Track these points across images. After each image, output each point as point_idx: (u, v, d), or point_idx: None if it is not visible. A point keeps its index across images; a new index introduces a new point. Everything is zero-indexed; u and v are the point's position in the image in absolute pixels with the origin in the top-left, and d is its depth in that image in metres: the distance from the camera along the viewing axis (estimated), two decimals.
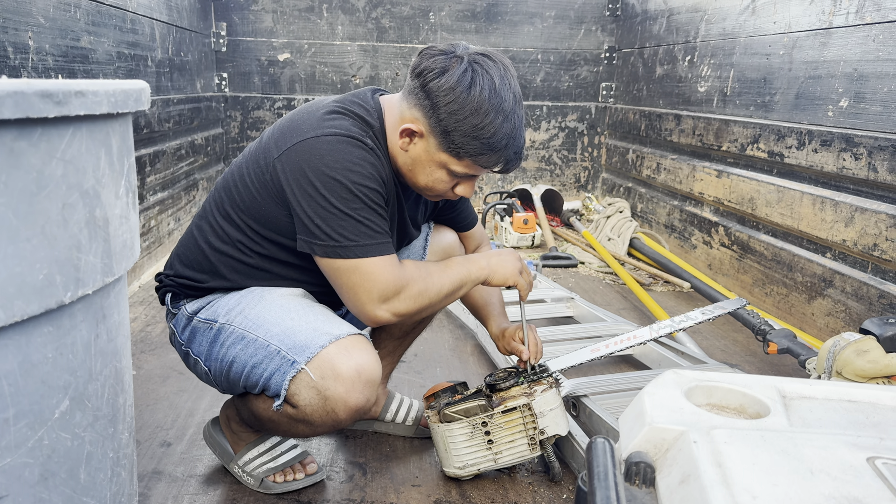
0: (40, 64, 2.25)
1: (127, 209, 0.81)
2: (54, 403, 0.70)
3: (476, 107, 1.32)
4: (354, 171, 1.34)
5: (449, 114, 1.33)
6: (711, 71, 3.57)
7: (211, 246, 1.49)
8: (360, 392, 1.33)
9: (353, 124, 1.41)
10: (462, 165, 1.41)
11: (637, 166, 4.49)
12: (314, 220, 1.34)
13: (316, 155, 1.34)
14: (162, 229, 3.48)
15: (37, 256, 0.65)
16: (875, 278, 2.38)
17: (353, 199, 1.33)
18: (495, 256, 1.54)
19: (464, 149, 1.37)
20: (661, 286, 3.44)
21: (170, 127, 3.58)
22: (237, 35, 4.77)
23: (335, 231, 1.33)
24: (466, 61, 1.34)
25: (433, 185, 1.46)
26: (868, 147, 2.40)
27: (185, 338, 1.52)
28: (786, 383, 0.89)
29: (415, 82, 1.38)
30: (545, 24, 5.04)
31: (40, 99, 0.63)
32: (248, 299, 1.46)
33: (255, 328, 1.40)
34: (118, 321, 0.82)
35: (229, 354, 1.41)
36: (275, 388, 1.35)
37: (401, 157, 1.45)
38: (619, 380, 2.00)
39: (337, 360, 1.32)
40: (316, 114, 1.42)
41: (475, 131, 1.34)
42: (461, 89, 1.32)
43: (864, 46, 2.46)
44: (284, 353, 1.34)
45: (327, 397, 1.32)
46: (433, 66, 1.34)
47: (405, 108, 1.41)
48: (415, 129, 1.39)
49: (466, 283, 1.49)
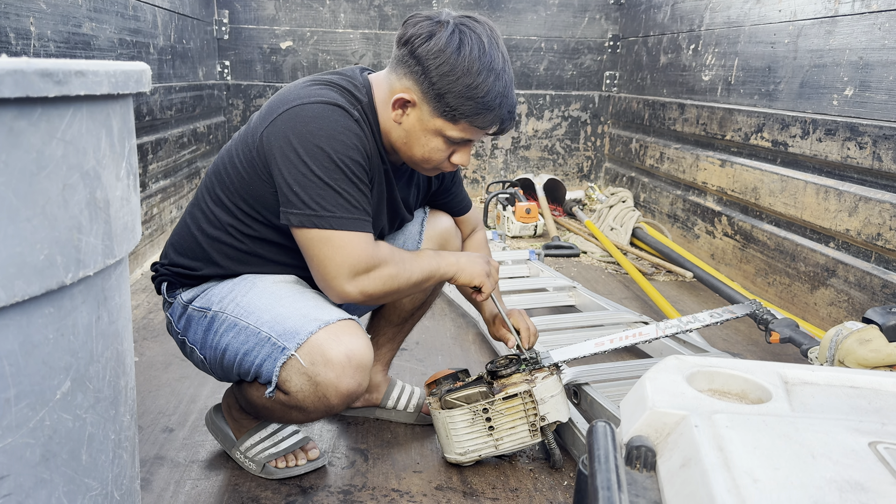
0: (42, 50, 2.25)
1: (128, 191, 0.80)
2: (55, 384, 0.70)
3: (467, 67, 1.32)
4: (338, 139, 1.33)
5: (441, 76, 1.33)
6: (716, 60, 3.55)
7: (203, 233, 1.49)
8: (350, 377, 1.33)
9: (341, 95, 1.40)
10: (458, 130, 1.40)
11: (640, 156, 4.48)
12: (293, 188, 1.33)
13: (301, 121, 1.33)
14: (164, 217, 3.48)
15: (37, 237, 0.65)
16: (878, 268, 2.37)
17: (334, 170, 1.32)
18: (465, 257, 1.55)
19: (459, 110, 1.36)
20: (663, 276, 3.43)
21: (172, 115, 3.57)
22: (239, 23, 4.75)
23: (312, 199, 1.32)
24: (452, 24, 1.35)
25: (429, 154, 1.44)
26: (873, 136, 2.39)
27: (182, 326, 1.52)
28: (788, 369, 0.89)
29: (402, 51, 1.38)
30: (549, 13, 5.01)
31: (40, 78, 0.62)
32: (241, 287, 1.46)
33: (246, 315, 1.40)
34: (119, 303, 0.82)
35: (222, 342, 1.41)
36: (266, 374, 1.35)
37: (395, 131, 1.44)
38: (620, 368, 2.00)
39: (326, 345, 1.32)
40: (302, 85, 1.43)
41: (469, 91, 1.34)
42: (451, 51, 1.32)
43: (869, 34, 2.44)
44: (275, 340, 1.34)
45: (318, 383, 1.32)
46: (419, 31, 1.35)
47: (394, 79, 1.41)
48: (407, 98, 1.38)
49: (434, 277, 1.49)
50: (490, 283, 1.57)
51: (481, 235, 1.89)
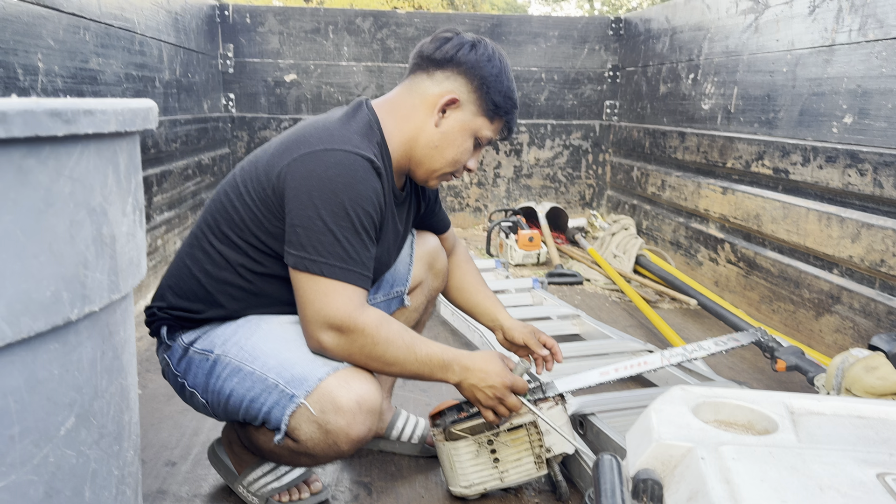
0: (49, 85, 2.28)
1: (134, 226, 0.81)
2: (60, 420, 0.70)
3: (507, 73, 1.51)
4: (356, 188, 1.33)
5: (493, 76, 1.48)
6: (715, 88, 3.58)
7: (207, 274, 1.45)
8: (361, 423, 1.31)
9: (361, 137, 1.41)
10: (492, 129, 1.53)
11: (642, 183, 4.50)
12: (297, 228, 1.32)
13: (322, 166, 1.33)
14: (168, 249, 3.49)
15: (44, 273, 0.65)
16: (883, 294, 2.37)
17: (343, 217, 1.32)
18: (480, 372, 1.43)
19: (502, 108, 1.50)
20: (667, 303, 3.43)
21: (177, 147, 3.61)
22: (244, 56, 4.82)
23: (310, 243, 1.31)
24: (478, 38, 1.52)
25: (460, 156, 1.52)
26: (873, 163, 2.40)
27: (182, 369, 1.47)
28: (794, 399, 0.89)
29: (441, 58, 1.48)
30: (549, 44, 5.07)
31: (49, 117, 0.63)
32: (245, 329, 1.43)
33: (251, 360, 1.37)
34: (124, 338, 0.82)
35: (226, 387, 1.38)
36: (275, 422, 1.33)
37: (424, 138, 1.49)
38: (626, 398, 1.99)
39: (337, 392, 1.30)
40: (322, 127, 1.42)
41: (509, 91, 1.51)
42: (496, 58, 1.50)
43: (867, 63, 2.47)
44: (283, 387, 1.32)
45: (329, 431, 1.30)
46: (461, 42, 1.49)
47: (430, 85, 1.49)
48: (457, 97, 1.48)
49: (424, 376, 1.42)
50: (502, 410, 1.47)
51: (463, 249, 1.92)
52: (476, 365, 1.44)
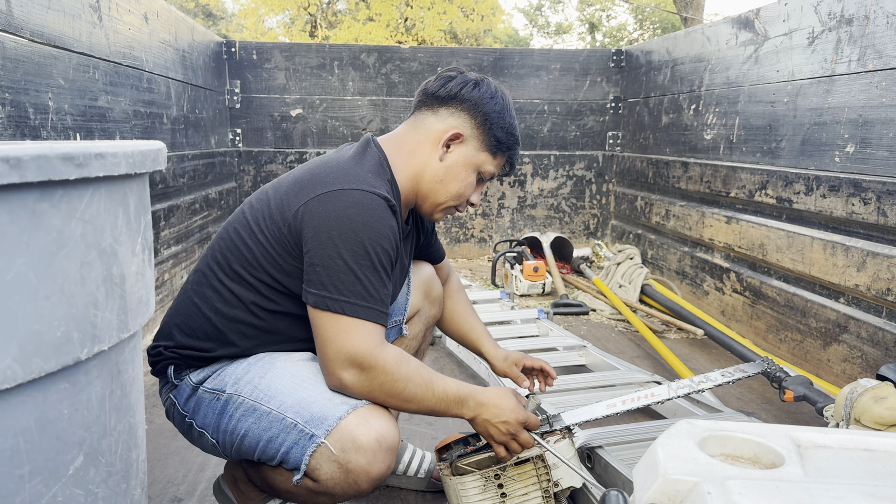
0: (59, 123, 2.32)
1: (143, 266, 0.82)
2: (69, 459, 0.70)
3: (507, 108, 1.56)
4: (374, 227, 1.34)
5: (496, 113, 1.53)
6: (717, 119, 3.61)
7: (218, 313, 1.44)
8: (381, 461, 1.30)
9: (375, 178, 1.42)
10: (494, 164, 1.57)
11: (646, 213, 4.51)
12: (317, 267, 1.33)
13: (341, 205, 1.34)
14: (175, 283, 3.51)
15: (55, 314, 0.66)
16: (890, 323, 2.36)
17: (363, 255, 1.33)
18: (494, 408, 1.45)
19: (504, 144, 1.55)
20: (674, 333, 3.41)
21: (184, 182, 3.65)
22: (251, 92, 4.89)
23: (331, 282, 1.32)
24: (481, 77, 1.57)
25: (464, 189, 1.56)
26: (876, 192, 2.41)
27: (190, 409, 1.45)
28: (800, 432, 0.88)
29: (445, 96, 1.52)
30: (551, 77, 5.13)
31: (62, 162, 0.65)
32: (257, 367, 1.42)
33: (266, 400, 1.36)
34: (132, 376, 0.83)
35: (240, 427, 1.37)
36: (294, 462, 1.31)
37: (429, 172, 1.52)
38: (633, 430, 1.97)
39: (357, 430, 1.29)
40: (336, 166, 1.43)
41: (511, 128, 1.56)
42: (499, 96, 1.55)
43: (867, 93, 2.49)
44: (301, 427, 1.31)
45: (349, 470, 1.29)
46: (465, 80, 1.53)
47: (434, 121, 1.53)
48: (461, 133, 1.52)
49: (440, 413, 1.43)
50: (514, 446, 1.48)
51: (455, 279, 1.96)
52: (490, 400, 1.45)
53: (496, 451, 1.49)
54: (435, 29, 20.54)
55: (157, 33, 3.34)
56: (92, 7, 2.59)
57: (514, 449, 1.48)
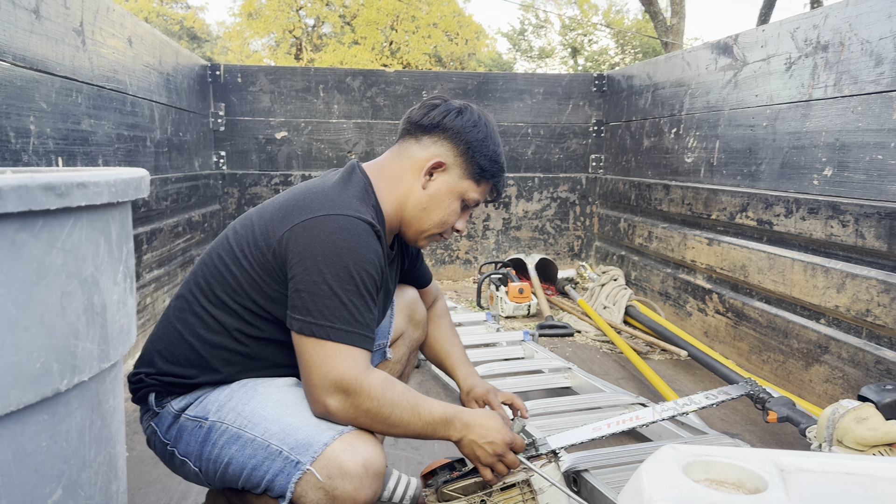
0: (41, 147, 2.30)
1: (124, 294, 0.82)
2: (47, 493, 0.69)
3: (493, 137, 1.56)
4: (359, 252, 1.34)
5: (478, 141, 1.53)
6: (697, 142, 3.66)
7: (201, 339, 1.43)
8: (368, 487, 1.29)
9: (360, 204, 1.42)
10: (478, 191, 1.57)
11: (629, 235, 4.54)
12: (301, 293, 1.32)
13: (325, 231, 1.33)
14: (157, 307, 3.48)
15: (34, 345, 0.65)
16: (870, 344, 2.38)
17: (348, 280, 1.32)
18: (481, 428, 1.45)
19: (488, 171, 1.55)
20: (658, 354, 3.43)
21: (167, 205, 3.63)
22: (235, 115, 4.89)
23: (316, 308, 1.31)
24: (464, 104, 1.57)
25: (448, 217, 1.56)
26: (854, 214, 2.44)
27: (172, 437, 1.43)
28: (783, 456, 0.89)
29: (428, 124, 1.53)
30: (534, 100, 5.19)
31: (43, 192, 0.64)
32: (240, 394, 1.40)
33: (251, 427, 1.34)
34: (113, 406, 0.82)
35: (224, 455, 1.35)
36: (279, 489, 1.29)
37: (413, 199, 1.52)
38: (619, 453, 1.97)
39: (343, 457, 1.28)
40: (320, 192, 1.43)
41: (494, 156, 1.55)
42: (482, 123, 1.55)
43: (843, 117, 2.54)
44: (287, 454, 1.29)
45: (336, 497, 1.27)
46: (448, 109, 1.54)
47: (417, 150, 1.53)
48: (444, 161, 1.52)
49: (426, 436, 1.42)
50: (500, 468, 1.48)
51: (442, 303, 1.95)
52: (477, 421, 1.45)
53: (482, 472, 1.48)
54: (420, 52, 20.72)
55: (141, 57, 3.34)
56: (76, 31, 2.59)
57: (500, 471, 1.48)
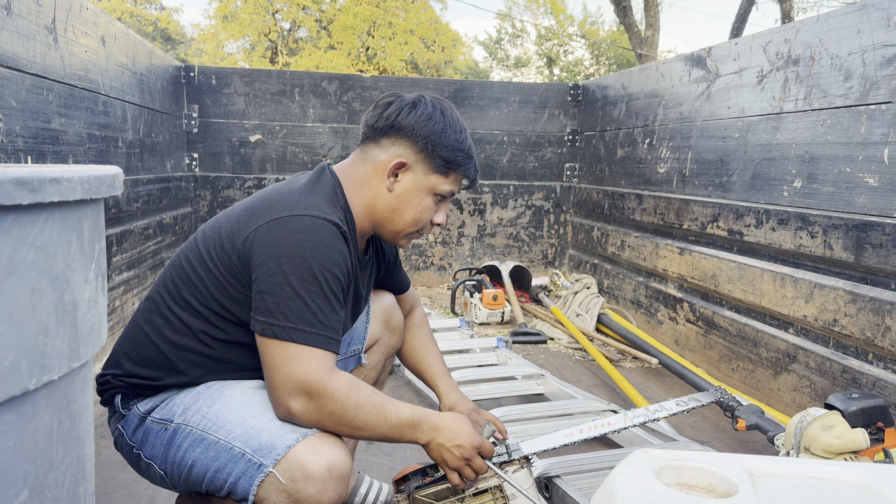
0: (10, 146, 2.26)
1: (96, 293, 0.80)
2: (13, 494, 0.67)
3: (453, 125, 1.51)
4: (323, 252, 1.33)
5: (436, 134, 1.49)
6: (670, 153, 3.71)
7: (167, 341, 1.42)
8: (332, 490, 1.27)
9: (328, 203, 1.42)
10: (449, 182, 1.53)
11: (602, 243, 4.58)
12: (264, 295, 1.31)
13: (289, 232, 1.33)
14: (127, 310, 3.42)
15: (2, 343, 0.64)
16: (837, 353, 2.43)
17: (311, 281, 1.31)
18: (449, 431, 1.44)
19: (453, 162, 1.51)
20: (629, 362, 3.46)
21: (138, 206, 3.58)
22: (209, 117, 4.84)
23: (279, 309, 1.29)
24: (424, 98, 1.53)
25: (421, 215, 1.53)
26: (823, 226, 2.49)
27: (137, 439, 1.41)
28: (753, 461, 0.90)
29: (384, 125, 1.50)
30: (510, 109, 5.22)
31: (15, 186, 0.63)
32: (206, 396, 1.39)
33: (214, 429, 1.33)
34: (82, 407, 0.80)
35: (188, 457, 1.34)
36: (242, 492, 1.28)
37: (382, 202, 1.50)
38: (591, 459, 1.98)
39: (306, 459, 1.26)
40: (287, 193, 1.42)
41: (457, 144, 1.51)
42: (437, 115, 1.50)
43: (813, 130, 2.59)
44: (249, 456, 1.28)
45: (299, 500, 1.26)
46: (401, 105, 1.51)
47: (378, 152, 1.51)
48: (405, 161, 1.49)
49: (393, 439, 1.41)
50: (467, 473, 1.47)
51: (420, 312, 1.92)
52: (445, 424, 1.44)
53: (450, 477, 1.47)
54: (396, 59, 20.73)
55: (114, 56, 3.30)
56: (47, 28, 2.55)
57: (467, 475, 1.47)
